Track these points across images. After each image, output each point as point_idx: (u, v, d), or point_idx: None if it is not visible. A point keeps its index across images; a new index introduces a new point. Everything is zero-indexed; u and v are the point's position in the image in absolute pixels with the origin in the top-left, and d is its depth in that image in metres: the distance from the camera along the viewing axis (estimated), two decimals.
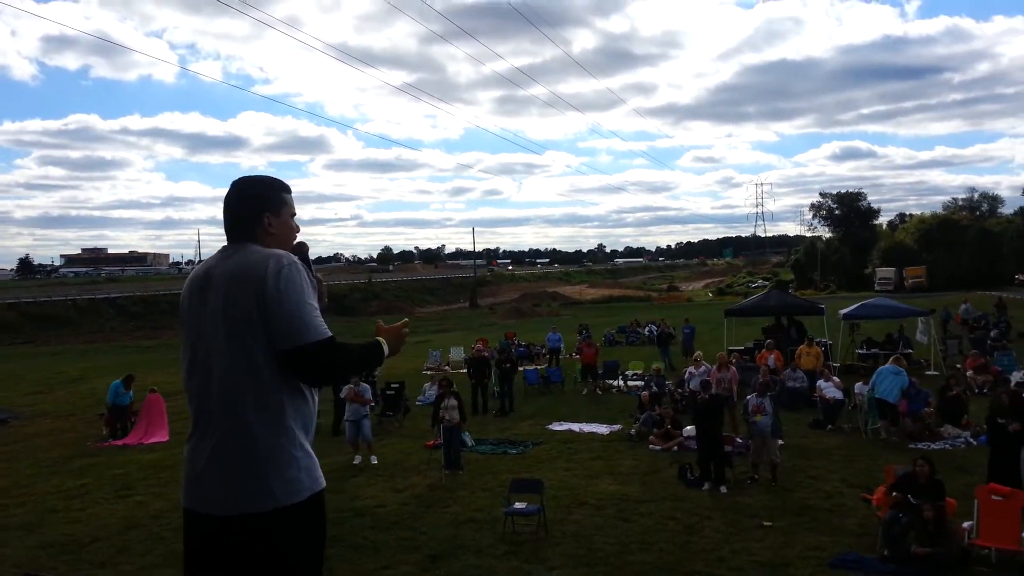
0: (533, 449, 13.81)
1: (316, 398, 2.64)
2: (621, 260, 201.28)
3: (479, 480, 11.65)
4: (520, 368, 20.87)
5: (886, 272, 75.39)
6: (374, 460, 12.91)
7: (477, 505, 10.34)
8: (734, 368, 14.51)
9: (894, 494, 8.04)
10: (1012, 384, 14.58)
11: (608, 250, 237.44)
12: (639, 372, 20.94)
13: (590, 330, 32.10)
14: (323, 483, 2.58)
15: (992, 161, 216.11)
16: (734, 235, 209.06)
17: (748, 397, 11.63)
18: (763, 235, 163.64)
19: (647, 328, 33.27)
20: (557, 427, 15.65)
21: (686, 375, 15.91)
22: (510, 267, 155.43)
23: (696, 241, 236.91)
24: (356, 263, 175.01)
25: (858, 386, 15.06)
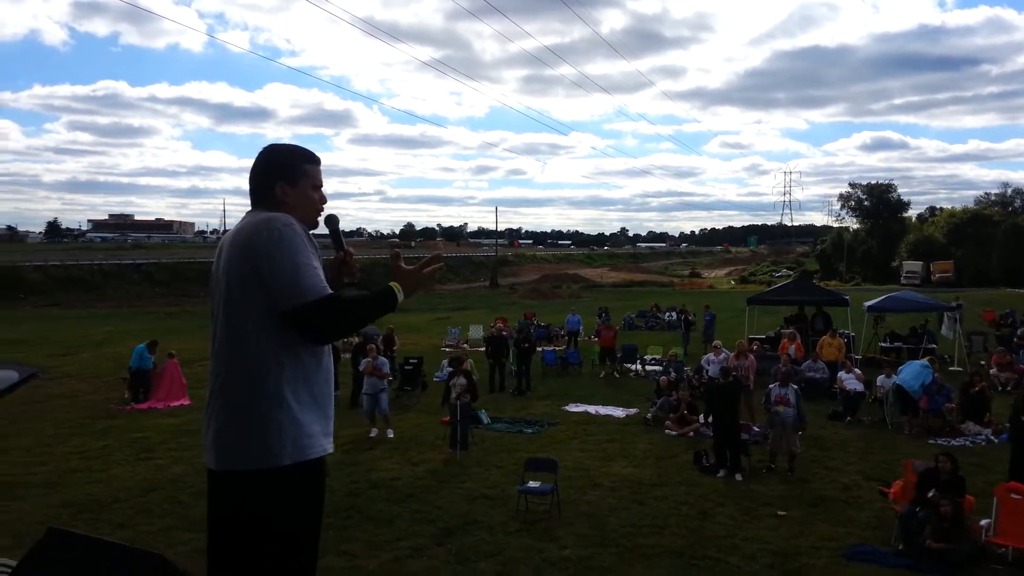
0: (548, 429, 13.83)
1: (328, 365, 2.64)
2: (644, 244, 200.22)
3: (493, 457, 11.69)
4: (539, 349, 20.87)
5: (913, 266, 74.38)
6: (390, 434, 13.00)
7: (491, 482, 10.39)
8: (752, 357, 14.40)
9: (930, 494, 7.93)
10: None
11: (631, 234, 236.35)
12: (657, 357, 20.86)
13: (609, 313, 31.97)
14: (312, 454, 2.54)
15: None
16: (760, 223, 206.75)
17: (770, 387, 11.53)
18: (789, 224, 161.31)
19: (667, 313, 33.11)
20: (573, 408, 15.65)
21: (704, 361, 15.83)
22: (540, 248, 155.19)
23: (721, 228, 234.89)
24: (378, 238, 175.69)
25: (880, 379, 14.89)
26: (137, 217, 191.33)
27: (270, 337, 2.47)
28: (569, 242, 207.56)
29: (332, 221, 2.80)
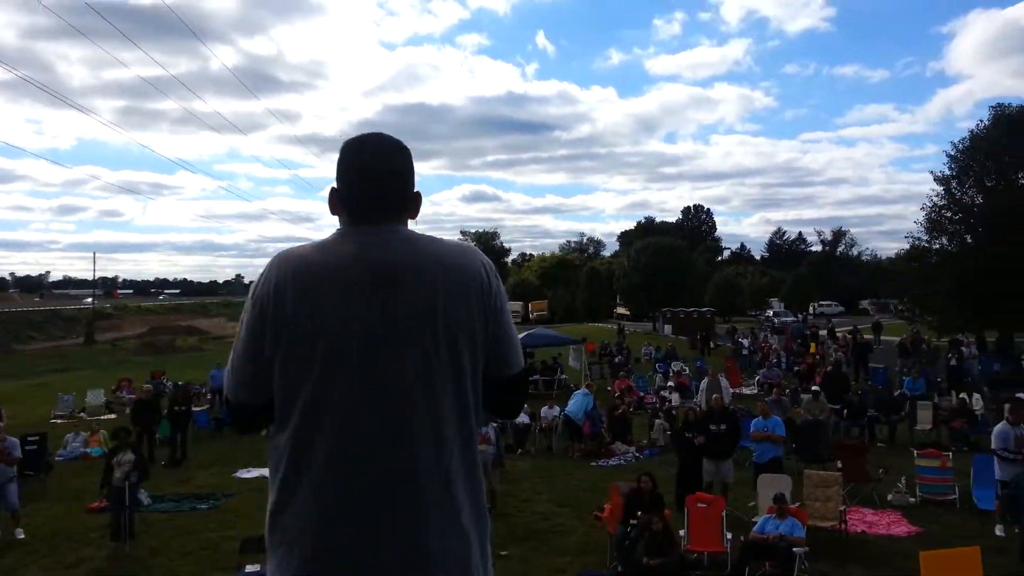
0: (227, 501, 12.28)
1: None
2: None
3: (174, 544, 9.97)
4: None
5: (515, 305, 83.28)
6: (20, 534, 10.36)
7: (183, 574, 8.82)
8: None
9: (639, 514, 8.60)
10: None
11: (247, 281, 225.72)
12: None
13: None
14: None
15: (590, 210, 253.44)
16: None
17: None
18: None
19: None
20: (246, 475, 14.13)
21: None
22: (144, 298, 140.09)
23: None
24: None
25: (544, 409, 16.16)
26: None
27: (478, 410, 1.77)
28: (178, 290, 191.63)
29: None
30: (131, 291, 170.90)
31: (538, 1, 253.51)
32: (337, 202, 1.81)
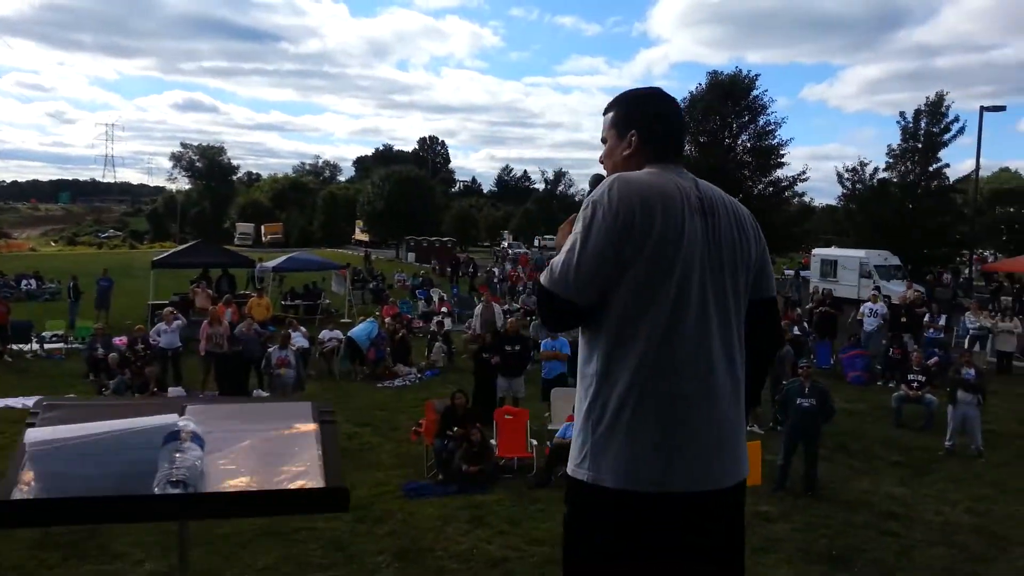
0: None
1: None
2: None
3: None
4: None
5: (246, 227, 78.77)
6: None
7: None
8: (227, 323, 13.84)
9: (455, 428, 9.22)
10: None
11: None
12: (60, 333, 17.91)
13: None
14: None
15: (319, 132, 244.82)
16: (71, 178, 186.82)
17: (271, 349, 11.43)
18: (112, 181, 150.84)
19: (24, 282, 28.25)
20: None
21: (154, 332, 14.35)
22: None
23: (23, 181, 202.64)
24: None
25: (324, 332, 16.11)
26: None
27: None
28: None
29: None
30: None
31: None
32: (641, 143, 2.14)
